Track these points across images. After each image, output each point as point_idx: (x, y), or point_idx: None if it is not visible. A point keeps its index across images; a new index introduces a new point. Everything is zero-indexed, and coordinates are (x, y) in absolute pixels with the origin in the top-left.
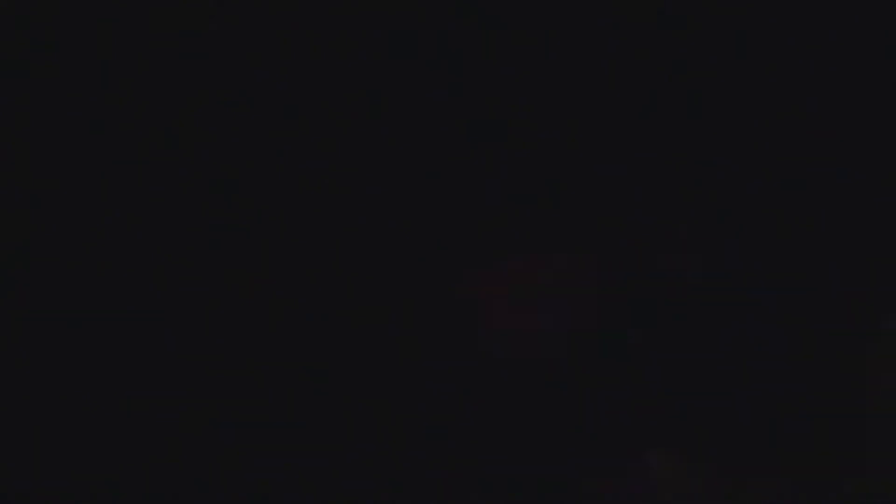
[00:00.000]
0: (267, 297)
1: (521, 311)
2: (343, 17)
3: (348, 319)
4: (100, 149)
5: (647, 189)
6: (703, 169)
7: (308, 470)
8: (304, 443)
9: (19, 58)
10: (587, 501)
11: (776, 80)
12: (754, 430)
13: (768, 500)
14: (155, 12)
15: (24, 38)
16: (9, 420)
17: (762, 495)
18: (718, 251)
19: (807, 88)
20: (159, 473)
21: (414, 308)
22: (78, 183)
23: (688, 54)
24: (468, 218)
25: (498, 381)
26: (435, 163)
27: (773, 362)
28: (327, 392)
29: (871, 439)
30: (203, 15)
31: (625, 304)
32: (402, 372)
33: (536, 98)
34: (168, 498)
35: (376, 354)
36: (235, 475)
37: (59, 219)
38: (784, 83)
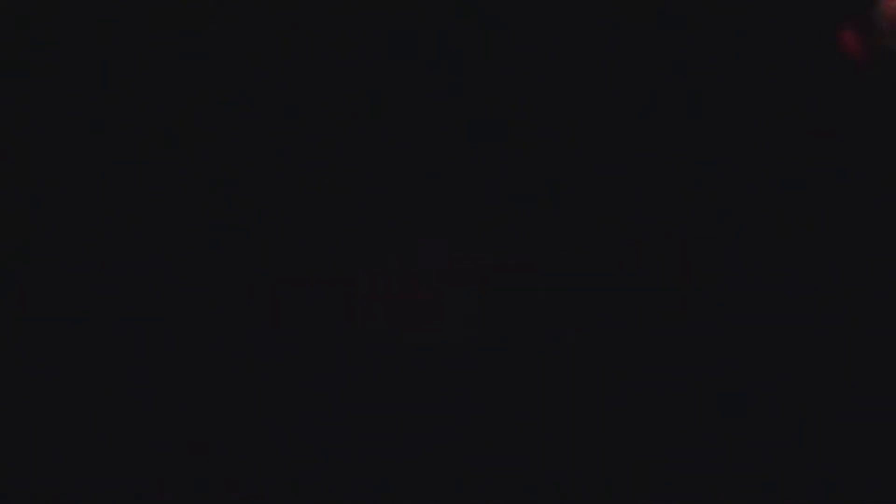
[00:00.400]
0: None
1: (413, 303)
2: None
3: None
4: (100, 149)
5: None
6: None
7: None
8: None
9: (19, 58)
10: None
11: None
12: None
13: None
14: (155, 12)
15: (24, 38)
16: (8, 420)
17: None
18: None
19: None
20: (158, 472)
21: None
22: (77, 183)
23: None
24: (360, 213)
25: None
26: (330, 156)
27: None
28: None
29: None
30: (203, 15)
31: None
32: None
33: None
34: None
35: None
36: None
37: (59, 219)
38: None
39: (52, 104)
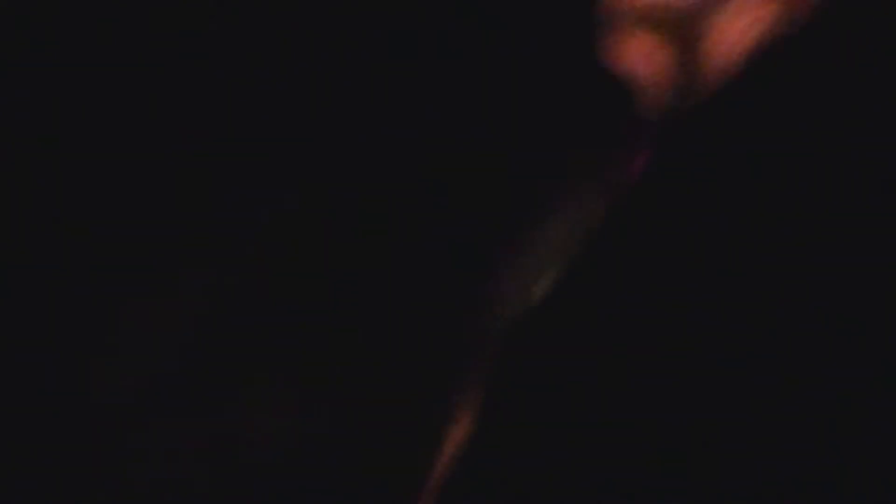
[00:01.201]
0: None
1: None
2: None
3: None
4: (99, 148)
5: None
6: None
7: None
8: None
9: (19, 58)
10: None
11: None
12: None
13: None
14: (155, 12)
15: (24, 37)
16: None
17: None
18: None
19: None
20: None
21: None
22: (77, 182)
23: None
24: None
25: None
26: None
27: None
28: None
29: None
30: (203, 15)
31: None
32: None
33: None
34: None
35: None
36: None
37: (58, 219)
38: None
39: (50, 103)
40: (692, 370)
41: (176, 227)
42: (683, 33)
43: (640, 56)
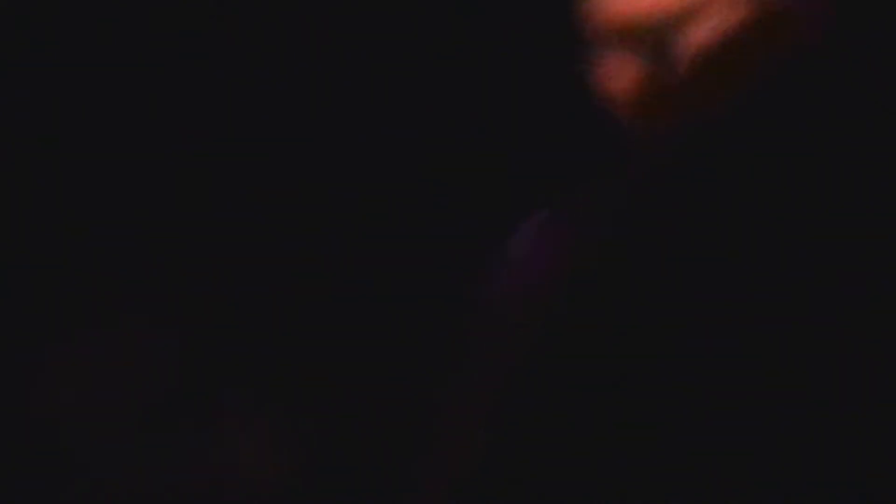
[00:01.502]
0: None
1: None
2: None
3: None
4: (98, 148)
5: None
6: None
7: None
8: None
9: (19, 58)
10: None
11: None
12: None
13: None
14: (155, 12)
15: (24, 37)
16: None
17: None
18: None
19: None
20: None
21: None
22: (76, 182)
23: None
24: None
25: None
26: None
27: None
28: None
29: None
30: (203, 15)
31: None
32: None
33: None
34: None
35: None
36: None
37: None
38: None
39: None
40: (696, 383)
41: (169, 232)
42: (659, 47)
43: (618, 73)
